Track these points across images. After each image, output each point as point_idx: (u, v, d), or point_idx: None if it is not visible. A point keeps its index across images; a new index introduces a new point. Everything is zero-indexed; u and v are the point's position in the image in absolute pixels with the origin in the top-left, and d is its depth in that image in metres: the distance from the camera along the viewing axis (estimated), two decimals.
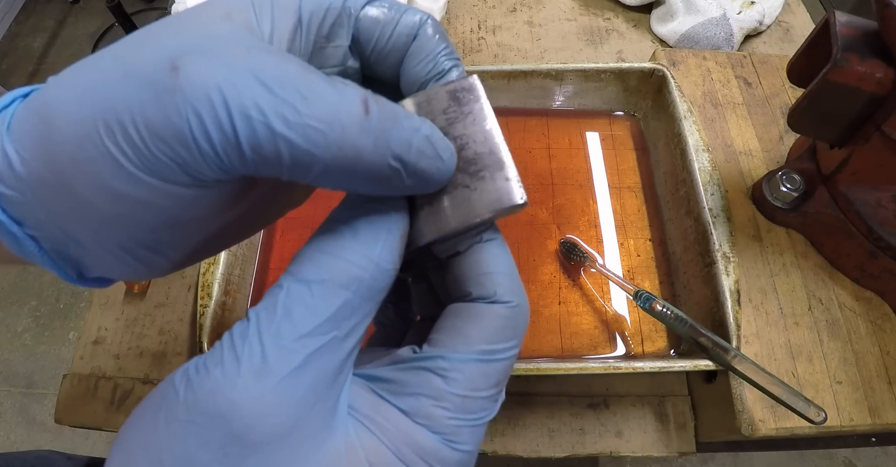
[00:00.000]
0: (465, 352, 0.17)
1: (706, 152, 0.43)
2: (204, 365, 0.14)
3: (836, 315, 0.40)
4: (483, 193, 0.18)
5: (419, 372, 0.16)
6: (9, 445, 1.13)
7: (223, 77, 0.13)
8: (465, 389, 0.16)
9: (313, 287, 0.15)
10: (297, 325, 0.14)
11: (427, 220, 0.18)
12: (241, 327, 0.15)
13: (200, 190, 0.14)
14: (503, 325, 0.17)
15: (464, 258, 0.18)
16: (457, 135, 0.18)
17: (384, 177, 0.15)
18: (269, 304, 0.15)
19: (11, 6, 1.76)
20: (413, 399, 0.16)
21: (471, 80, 0.18)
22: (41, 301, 1.29)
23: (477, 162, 0.18)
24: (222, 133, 0.13)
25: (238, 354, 0.14)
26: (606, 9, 0.62)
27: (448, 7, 0.61)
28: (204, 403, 0.14)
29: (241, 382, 0.14)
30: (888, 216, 0.38)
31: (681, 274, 0.43)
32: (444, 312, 0.18)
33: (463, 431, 0.16)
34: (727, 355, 0.34)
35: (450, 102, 0.18)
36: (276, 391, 0.14)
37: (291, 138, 0.13)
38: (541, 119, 0.50)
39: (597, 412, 0.41)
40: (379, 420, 0.16)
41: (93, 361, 0.42)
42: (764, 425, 0.36)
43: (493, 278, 0.18)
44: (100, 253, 0.16)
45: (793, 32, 0.60)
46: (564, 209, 0.46)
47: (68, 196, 0.14)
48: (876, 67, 0.32)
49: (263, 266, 0.44)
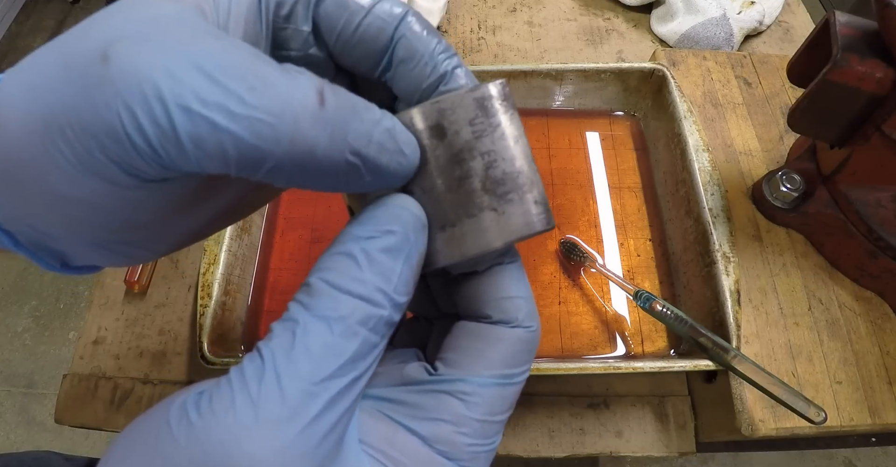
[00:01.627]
0: (486, 376, 0.16)
1: (706, 152, 0.43)
2: (210, 407, 0.12)
3: (836, 315, 0.40)
4: (511, 217, 0.17)
5: (438, 396, 0.16)
6: (9, 445, 1.13)
7: (159, 65, 0.12)
8: (484, 414, 0.16)
9: (333, 325, 0.14)
10: (320, 367, 0.13)
11: (447, 243, 0.17)
12: (254, 365, 0.13)
13: (147, 190, 0.13)
14: (522, 349, 0.17)
15: (483, 279, 0.17)
16: (485, 150, 0.16)
17: (341, 173, 0.14)
18: (285, 341, 0.13)
19: (11, 6, 1.76)
20: (432, 424, 0.15)
21: (500, 87, 0.16)
22: (41, 301, 1.29)
23: (505, 183, 0.16)
24: (158, 127, 0.12)
25: (253, 397, 0.12)
26: (606, 9, 0.62)
27: (448, 7, 0.61)
28: (213, 455, 0.12)
29: (258, 431, 0.12)
30: (888, 216, 0.38)
31: (681, 274, 0.43)
32: (454, 330, 0.18)
33: (480, 457, 0.16)
34: (727, 355, 0.34)
35: (477, 112, 0.16)
36: (297, 441, 0.12)
37: (236, 132, 0.12)
38: (541, 119, 0.50)
39: (597, 412, 0.41)
40: (393, 453, 0.15)
41: (93, 361, 0.42)
42: (764, 425, 0.36)
43: (515, 303, 0.17)
44: (75, 246, 0.15)
45: (793, 32, 0.60)
46: (564, 209, 0.46)
47: (24, 197, 0.14)
48: (876, 67, 0.32)
49: (263, 266, 0.44)
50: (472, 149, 0.16)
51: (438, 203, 0.17)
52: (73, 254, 0.16)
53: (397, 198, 0.16)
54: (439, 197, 0.17)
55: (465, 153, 0.16)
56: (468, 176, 0.16)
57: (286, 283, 0.44)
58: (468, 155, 0.16)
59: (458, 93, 0.16)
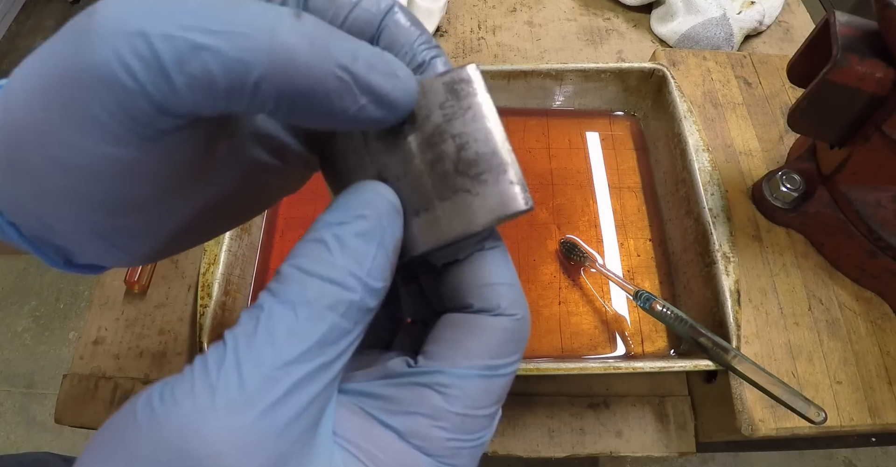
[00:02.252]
0: (467, 367, 0.15)
1: (706, 152, 0.43)
2: (171, 394, 0.13)
3: (836, 315, 0.40)
4: (486, 198, 0.16)
5: (415, 389, 0.15)
6: (9, 445, 1.13)
7: (139, 7, 0.12)
8: (465, 407, 0.15)
9: (298, 309, 0.14)
10: (281, 352, 0.13)
11: (424, 228, 0.16)
12: (217, 352, 0.13)
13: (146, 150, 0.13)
14: (507, 339, 0.16)
15: (463, 267, 0.17)
16: (455, 133, 0.16)
17: (334, 93, 0.13)
18: (249, 328, 0.13)
19: (11, 6, 1.76)
20: (408, 418, 0.15)
21: (469, 71, 0.16)
22: (41, 301, 1.29)
23: (478, 163, 0.16)
24: (143, 60, 0.12)
25: (212, 383, 0.12)
26: (606, 9, 0.62)
27: (448, 7, 0.61)
28: (171, 440, 0.12)
29: (215, 416, 0.12)
30: (888, 216, 0.38)
31: (681, 274, 0.43)
32: (439, 322, 0.17)
33: (462, 453, 0.15)
34: (727, 355, 0.34)
35: (447, 96, 0.16)
36: (255, 426, 0.12)
37: (217, 46, 0.12)
38: (541, 119, 0.50)
39: (597, 412, 0.41)
40: (368, 447, 0.15)
41: (93, 361, 0.42)
42: (764, 425, 0.36)
43: (497, 289, 0.17)
44: (78, 240, 0.16)
45: (793, 32, 0.60)
46: (564, 209, 0.46)
47: (26, 174, 0.14)
48: (876, 67, 0.32)
49: (263, 266, 0.44)
50: (444, 133, 0.16)
51: (413, 188, 0.17)
52: (76, 250, 0.16)
53: (369, 184, 0.16)
54: (413, 182, 0.17)
55: (436, 136, 0.16)
56: (440, 159, 0.16)
57: None
58: (439, 138, 0.16)
59: (427, 78, 0.16)
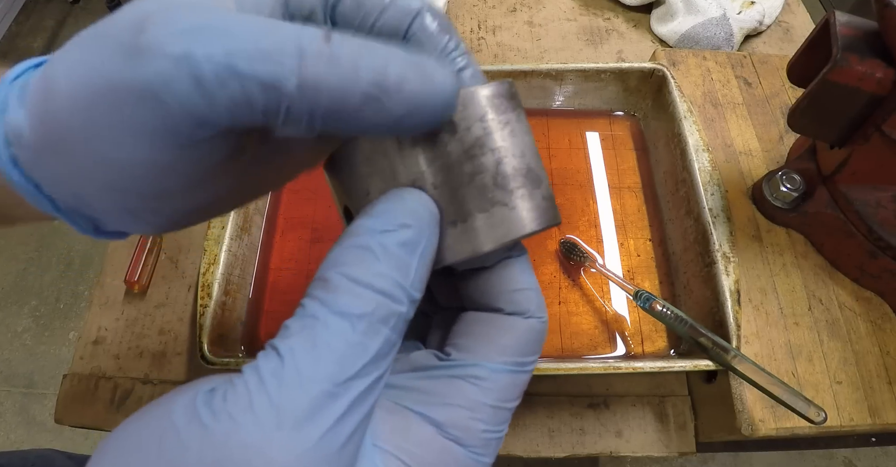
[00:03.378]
0: (500, 363, 0.16)
1: (706, 152, 0.43)
2: (224, 408, 0.12)
3: (836, 315, 0.40)
4: (522, 212, 0.17)
5: (452, 381, 0.16)
6: (9, 445, 1.13)
7: (185, 29, 0.13)
8: (497, 400, 0.16)
9: (356, 322, 0.13)
10: (344, 367, 0.13)
11: (458, 238, 0.17)
12: (271, 364, 0.13)
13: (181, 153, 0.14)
14: (534, 339, 0.17)
15: (493, 273, 0.18)
16: (495, 147, 0.17)
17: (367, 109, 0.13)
18: (305, 340, 0.13)
19: (11, 6, 1.76)
20: (447, 409, 0.15)
21: (508, 86, 0.17)
22: (41, 301, 1.29)
23: (516, 178, 0.17)
24: (189, 80, 0.12)
25: (273, 399, 0.12)
26: (606, 9, 0.62)
27: (448, 7, 0.61)
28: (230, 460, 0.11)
29: (279, 435, 0.12)
30: (888, 216, 0.38)
31: (681, 274, 0.43)
32: (464, 318, 0.18)
33: (491, 443, 0.16)
34: (727, 355, 0.34)
35: (487, 109, 0.16)
36: (319, 446, 0.12)
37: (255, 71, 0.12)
38: (541, 119, 0.50)
39: (597, 412, 0.41)
40: (406, 445, 0.15)
41: (93, 361, 0.42)
42: (764, 425, 0.36)
43: (527, 295, 0.18)
44: (108, 214, 0.16)
45: (793, 32, 0.60)
46: (564, 209, 0.46)
47: (68, 162, 0.14)
48: (876, 67, 0.32)
49: (263, 266, 0.44)
50: (484, 146, 0.16)
51: (450, 198, 0.17)
52: (105, 220, 0.17)
53: (411, 193, 0.16)
54: (451, 192, 0.17)
55: (476, 149, 0.16)
56: (480, 171, 0.16)
57: (286, 283, 0.44)
58: (479, 151, 0.16)
59: (468, 90, 0.16)
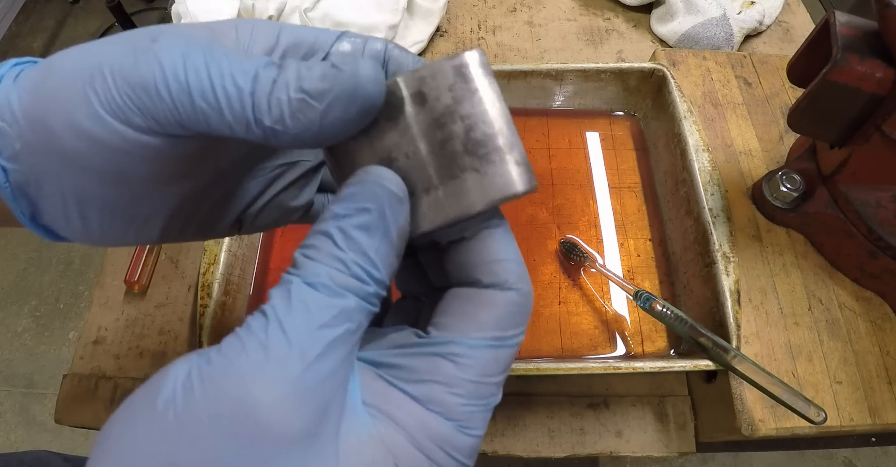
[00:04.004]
0: (478, 338, 0.17)
1: (706, 152, 0.43)
2: (222, 355, 0.14)
3: (836, 315, 0.40)
4: (493, 177, 0.17)
5: (430, 358, 0.16)
6: (9, 445, 1.13)
7: (186, 48, 0.16)
8: (477, 375, 0.16)
9: (320, 287, 0.15)
10: (316, 316, 0.15)
11: (432, 206, 0.17)
12: (259, 320, 0.15)
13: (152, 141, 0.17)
14: (515, 311, 0.17)
15: (471, 244, 0.18)
16: (464, 114, 0.17)
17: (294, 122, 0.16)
18: (283, 299, 0.15)
19: (11, 6, 1.76)
20: (425, 386, 0.16)
21: (476, 55, 0.17)
22: (41, 301, 1.29)
23: (486, 144, 0.17)
24: (178, 83, 0.16)
25: (262, 341, 0.14)
26: (606, 9, 0.62)
27: (448, 7, 0.61)
28: (231, 393, 0.13)
29: (270, 367, 0.14)
30: (888, 216, 0.38)
31: (681, 274, 0.43)
32: (446, 295, 0.18)
33: (475, 417, 0.16)
34: (727, 355, 0.34)
35: (455, 78, 0.17)
36: (304, 376, 0.14)
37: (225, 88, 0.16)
38: (541, 119, 0.50)
39: (597, 412, 0.41)
40: (391, 409, 0.16)
41: (93, 361, 0.42)
42: (764, 425, 0.36)
43: (505, 266, 0.18)
44: (53, 200, 0.18)
45: (793, 32, 0.60)
46: (564, 209, 0.46)
47: (42, 128, 0.17)
48: (876, 67, 0.32)
49: (263, 266, 0.44)
50: (453, 113, 0.17)
51: (422, 167, 0.17)
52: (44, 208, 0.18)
53: (373, 173, 0.17)
54: (422, 160, 0.17)
55: (445, 117, 0.17)
56: (450, 138, 0.17)
57: None
58: (449, 119, 0.17)
59: (437, 62, 0.17)
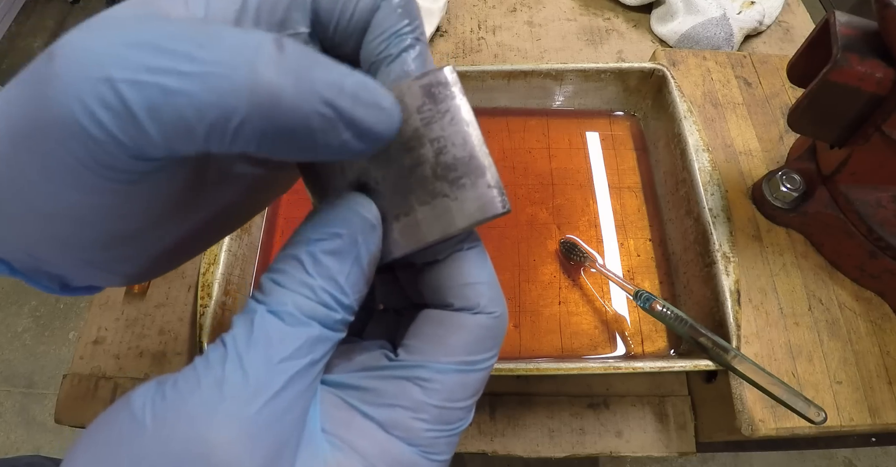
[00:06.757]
0: (447, 363, 0.16)
1: (706, 152, 0.43)
2: (176, 390, 0.13)
3: (836, 315, 0.40)
4: (464, 202, 0.16)
5: (397, 382, 0.16)
6: (9, 445, 1.13)
7: (103, 49, 0.11)
8: (444, 400, 0.16)
9: (285, 317, 0.14)
10: (278, 349, 0.14)
11: (403, 232, 0.17)
12: (218, 352, 0.14)
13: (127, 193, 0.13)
14: (486, 336, 0.17)
15: (443, 267, 0.17)
16: (433, 137, 0.16)
17: (317, 130, 0.12)
18: (245, 330, 0.14)
19: (11, 6, 1.76)
20: (390, 410, 0.16)
21: (446, 74, 0.16)
22: (41, 301, 1.29)
23: (457, 168, 0.16)
24: (111, 110, 0.11)
25: (218, 377, 0.13)
26: (606, 9, 0.62)
27: (448, 7, 0.61)
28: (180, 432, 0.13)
29: (224, 406, 0.13)
30: (888, 216, 0.38)
31: (681, 274, 0.43)
32: (418, 317, 0.18)
33: (439, 442, 0.16)
34: (727, 355, 0.34)
35: (424, 99, 0.16)
36: (260, 414, 0.13)
37: (190, 90, 0.11)
38: (541, 119, 0.50)
39: (597, 412, 0.41)
40: (351, 437, 0.15)
41: (93, 361, 0.42)
42: (764, 425, 0.36)
43: (477, 289, 0.17)
44: (70, 269, 0.16)
45: (793, 32, 0.60)
46: (564, 209, 0.46)
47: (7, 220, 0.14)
48: (876, 67, 0.32)
49: (263, 266, 0.44)
50: (422, 137, 0.16)
51: (393, 193, 0.17)
52: (71, 276, 0.16)
53: (348, 199, 0.16)
54: (393, 186, 0.17)
55: (414, 141, 0.16)
56: (419, 163, 0.16)
57: None
58: (417, 142, 0.16)
59: (405, 82, 0.16)
